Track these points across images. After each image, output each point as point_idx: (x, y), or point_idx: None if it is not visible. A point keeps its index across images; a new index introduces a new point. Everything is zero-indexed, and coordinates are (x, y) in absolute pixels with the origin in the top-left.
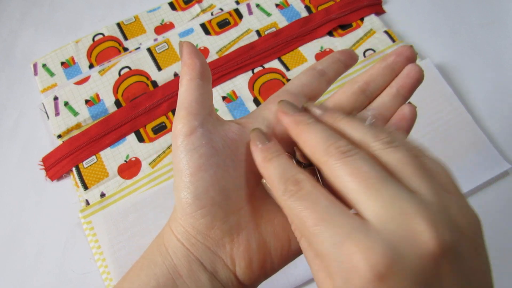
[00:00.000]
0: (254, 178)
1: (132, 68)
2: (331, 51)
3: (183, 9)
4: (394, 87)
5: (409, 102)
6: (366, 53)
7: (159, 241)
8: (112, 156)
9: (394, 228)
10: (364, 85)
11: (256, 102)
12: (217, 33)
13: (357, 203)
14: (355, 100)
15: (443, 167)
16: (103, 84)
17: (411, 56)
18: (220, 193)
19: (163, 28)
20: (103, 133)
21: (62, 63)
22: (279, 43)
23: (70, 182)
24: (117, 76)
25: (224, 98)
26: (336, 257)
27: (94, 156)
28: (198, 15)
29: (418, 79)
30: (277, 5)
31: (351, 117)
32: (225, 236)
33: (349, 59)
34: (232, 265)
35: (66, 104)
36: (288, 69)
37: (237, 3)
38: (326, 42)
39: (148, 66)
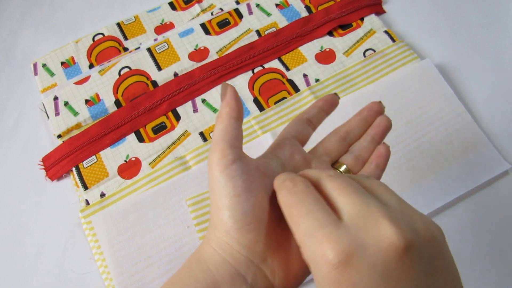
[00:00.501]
0: None
1: (132, 68)
2: (331, 50)
3: (183, 9)
4: (370, 135)
5: (384, 143)
6: (366, 53)
7: (198, 258)
8: (112, 156)
9: (362, 225)
10: (344, 134)
11: (256, 102)
12: (217, 33)
13: (337, 207)
14: (338, 146)
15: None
16: (103, 84)
17: (380, 110)
18: (263, 212)
19: (163, 28)
20: (103, 133)
21: (62, 63)
22: (279, 43)
23: (70, 182)
24: (117, 76)
25: None
26: (310, 245)
27: (94, 156)
28: (198, 15)
29: (388, 126)
30: (277, 5)
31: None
32: (268, 249)
33: (330, 106)
34: (272, 276)
35: (66, 104)
36: (288, 69)
37: (237, 3)
38: (326, 42)
39: (148, 66)
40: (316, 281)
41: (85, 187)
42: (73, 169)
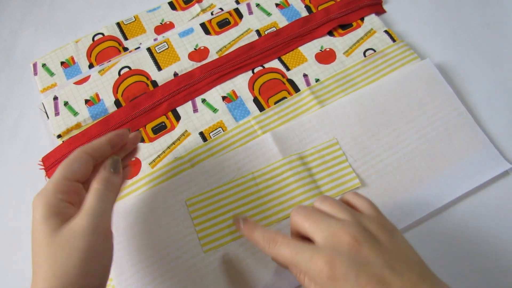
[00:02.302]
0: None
1: (132, 68)
2: (331, 50)
3: (183, 9)
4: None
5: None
6: (367, 53)
7: None
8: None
9: (330, 241)
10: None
11: (256, 102)
12: (217, 33)
13: (310, 234)
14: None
15: (367, 202)
16: (103, 84)
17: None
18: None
19: (163, 28)
20: (103, 133)
21: (62, 63)
22: (279, 43)
23: None
24: (117, 76)
25: (224, 98)
26: (309, 267)
27: None
28: (198, 14)
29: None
30: (277, 5)
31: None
32: None
33: (116, 141)
34: None
35: (66, 104)
36: (288, 69)
37: (237, 2)
38: (326, 41)
39: (148, 66)
40: (313, 283)
41: None
42: None
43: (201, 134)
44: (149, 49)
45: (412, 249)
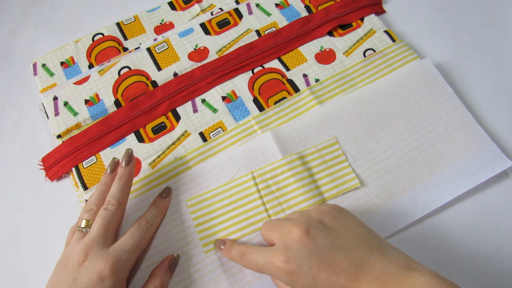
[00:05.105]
0: None
1: (132, 68)
2: (331, 50)
3: (183, 9)
4: None
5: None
6: (366, 53)
7: None
8: (112, 156)
9: (283, 240)
10: None
11: (256, 102)
12: (217, 33)
13: (272, 241)
14: None
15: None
16: (102, 84)
17: None
18: None
19: (163, 28)
20: (103, 133)
21: (62, 63)
22: (279, 43)
23: (70, 182)
24: (117, 76)
25: (224, 98)
26: (269, 269)
27: (94, 156)
28: (198, 14)
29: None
30: (277, 5)
31: None
32: None
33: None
34: None
35: (65, 104)
36: (288, 69)
37: (237, 2)
38: (326, 42)
39: (147, 66)
40: (276, 279)
41: (85, 187)
42: (73, 169)
43: (201, 134)
44: (149, 49)
45: (359, 224)
